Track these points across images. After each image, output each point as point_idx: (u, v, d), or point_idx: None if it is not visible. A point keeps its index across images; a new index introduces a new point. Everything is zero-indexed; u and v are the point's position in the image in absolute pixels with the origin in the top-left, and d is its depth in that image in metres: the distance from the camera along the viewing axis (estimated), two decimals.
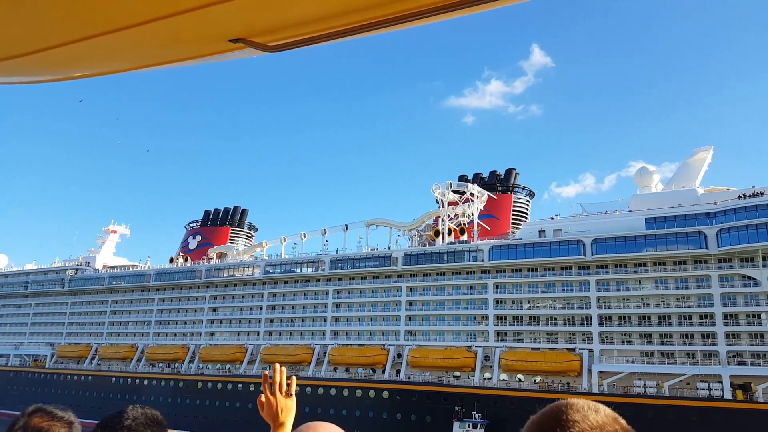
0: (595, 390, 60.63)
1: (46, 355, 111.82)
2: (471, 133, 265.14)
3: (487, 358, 69.26)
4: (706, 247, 60.42)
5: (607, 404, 1.56)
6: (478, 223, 76.71)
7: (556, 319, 67.35)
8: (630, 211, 68.03)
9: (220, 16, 1.84)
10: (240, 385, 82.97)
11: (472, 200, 77.48)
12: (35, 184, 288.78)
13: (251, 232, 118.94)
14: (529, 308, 68.89)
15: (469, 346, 70.16)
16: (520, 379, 65.56)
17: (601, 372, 61.69)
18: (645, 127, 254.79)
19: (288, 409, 2.82)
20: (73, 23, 1.96)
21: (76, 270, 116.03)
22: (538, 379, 65.60)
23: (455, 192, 78.67)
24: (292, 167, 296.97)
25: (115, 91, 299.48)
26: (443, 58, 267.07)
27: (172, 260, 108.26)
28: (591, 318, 64.80)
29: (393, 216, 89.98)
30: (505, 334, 69.52)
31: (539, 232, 68.95)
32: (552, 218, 70.51)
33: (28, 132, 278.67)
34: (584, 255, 65.39)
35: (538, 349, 66.77)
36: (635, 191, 71.11)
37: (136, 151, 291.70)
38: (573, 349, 64.47)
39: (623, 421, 1.55)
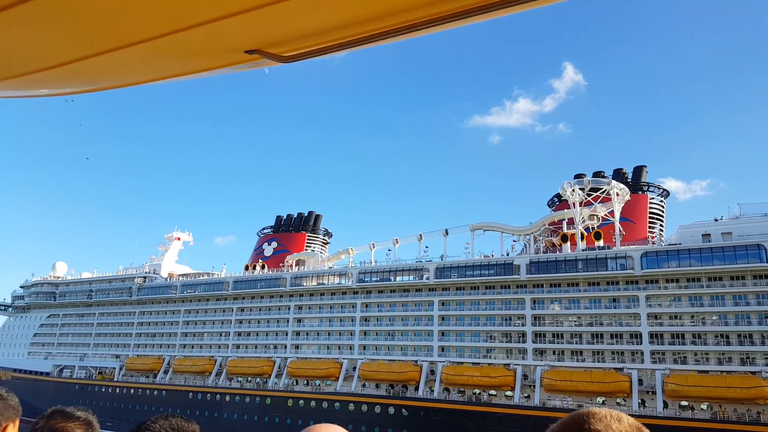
0: None
1: (114, 368, 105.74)
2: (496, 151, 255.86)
3: (641, 382, 59.97)
4: None
5: None
6: (619, 226, 67.30)
7: (728, 337, 57.80)
8: None
9: (235, 29, 1.86)
10: (337, 404, 75.11)
11: (611, 199, 68.14)
12: (93, 190, 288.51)
13: (326, 238, 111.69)
14: (693, 324, 59.43)
15: (621, 368, 60.92)
16: (692, 408, 56.09)
17: None
18: (675, 143, 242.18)
19: None
20: (93, 38, 2.00)
21: (145, 278, 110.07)
22: (704, 406, 56.17)
23: (592, 190, 69.41)
24: (360, 173, 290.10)
25: (179, 99, 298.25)
26: (473, 78, 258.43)
27: (247, 268, 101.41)
28: None
29: (498, 219, 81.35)
30: (663, 354, 60.15)
31: (703, 236, 59.60)
32: (716, 220, 61.06)
33: (83, 140, 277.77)
34: (766, 262, 55.91)
35: (707, 371, 57.31)
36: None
37: (191, 162, 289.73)
38: (758, 372, 54.84)
39: (647, 431, 1.51)
